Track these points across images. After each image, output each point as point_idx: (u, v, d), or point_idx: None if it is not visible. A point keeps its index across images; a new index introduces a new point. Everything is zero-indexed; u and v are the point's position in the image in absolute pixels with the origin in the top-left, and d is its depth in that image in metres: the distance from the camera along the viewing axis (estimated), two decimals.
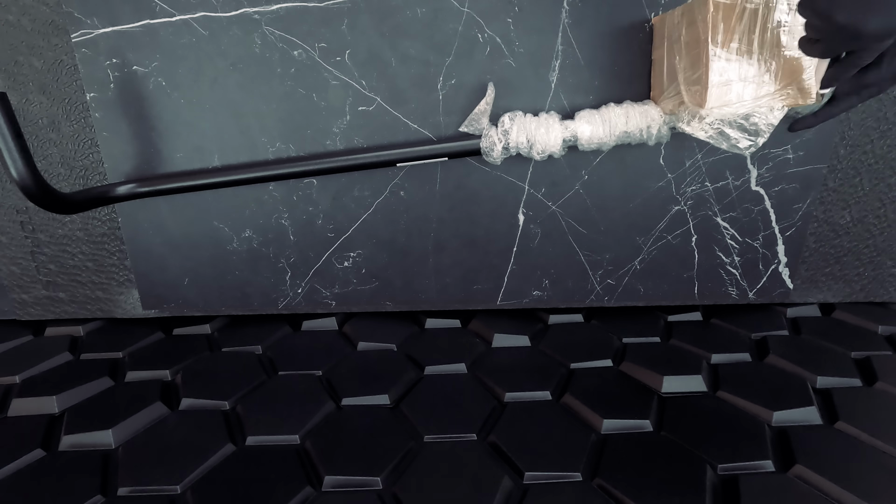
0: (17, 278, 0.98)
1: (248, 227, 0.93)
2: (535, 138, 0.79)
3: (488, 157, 0.83)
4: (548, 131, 0.79)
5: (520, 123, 0.80)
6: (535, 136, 0.80)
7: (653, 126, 0.79)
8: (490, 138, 0.81)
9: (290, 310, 1.00)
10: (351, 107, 0.85)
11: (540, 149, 0.80)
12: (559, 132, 0.80)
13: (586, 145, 0.81)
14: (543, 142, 0.79)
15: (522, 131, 0.80)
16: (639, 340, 0.95)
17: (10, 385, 0.85)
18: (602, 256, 0.96)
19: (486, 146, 0.82)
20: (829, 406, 0.78)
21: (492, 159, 0.83)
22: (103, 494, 0.65)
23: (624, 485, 0.64)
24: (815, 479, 0.64)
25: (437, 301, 1.00)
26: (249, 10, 0.80)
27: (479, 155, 0.84)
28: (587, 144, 0.81)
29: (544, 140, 0.79)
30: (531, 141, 0.80)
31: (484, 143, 0.82)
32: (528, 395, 0.81)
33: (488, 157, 0.82)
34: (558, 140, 0.80)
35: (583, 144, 0.81)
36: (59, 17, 0.81)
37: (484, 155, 0.83)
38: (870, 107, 0.87)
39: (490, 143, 0.81)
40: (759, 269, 0.97)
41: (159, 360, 0.90)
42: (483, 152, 0.82)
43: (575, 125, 0.81)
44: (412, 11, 0.80)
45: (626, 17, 0.80)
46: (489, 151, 0.82)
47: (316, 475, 0.67)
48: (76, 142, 0.89)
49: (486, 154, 0.82)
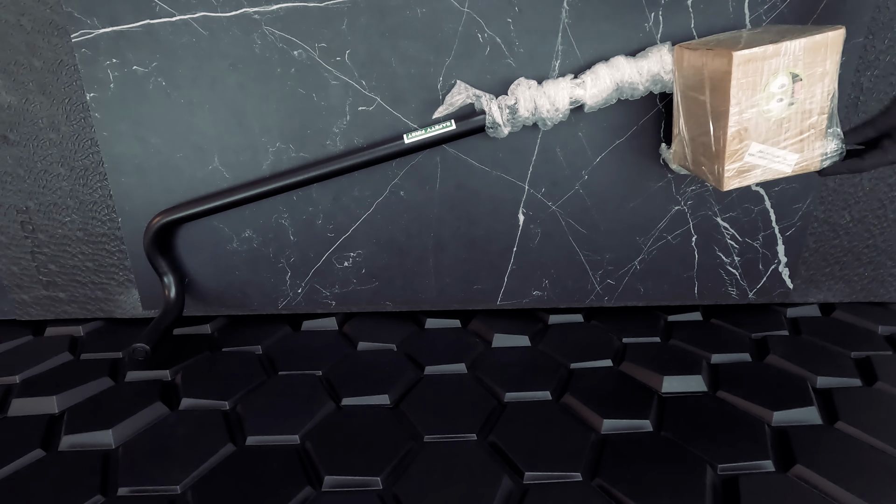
0: (16, 278, 0.98)
1: (248, 227, 0.93)
2: (541, 110, 0.79)
3: (495, 133, 0.81)
4: (553, 102, 0.79)
5: (525, 95, 0.79)
6: (540, 107, 0.79)
7: (664, 73, 0.78)
8: (493, 116, 0.80)
9: (290, 310, 1.00)
10: (351, 107, 0.85)
11: (548, 117, 0.79)
12: (566, 95, 0.79)
13: (594, 106, 0.81)
14: (551, 114, 0.79)
15: (529, 102, 0.79)
16: (639, 340, 0.95)
17: (10, 385, 0.85)
18: (602, 256, 0.96)
19: (491, 123, 0.80)
20: (829, 406, 0.78)
21: (499, 135, 0.82)
22: (103, 494, 0.64)
23: (624, 485, 0.64)
24: (815, 479, 0.64)
25: (437, 301, 1.00)
26: (249, 10, 0.80)
27: (482, 132, 0.82)
28: (594, 105, 0.80)
29: (552, 114, 0.79)
30: (538, 110, 0.79)
31: (488, 121, 0.80)
32: (528, 395, 0.81)
33: (495, 132, 0.81)
34: (565, 106, 0.79)
35: (590, 107, 0.80)
36: (59, 17, 0.81)
37: (490, 131, 0.81)
38: (870, 107, 0.87)
39: (493, 120, 0.80)
40: (759, 269, 0.98)
41: (159, 360, 0.90)
42: (487, 129, 0.81)
43: (581, 92, 0.79)
44: (412, 11, 0.80)
45: (626, 17, 0.80)
46: (493, 129, 0.81)
47: (316, 475, 0.67)
48: (76, 142, 0.89)
49: (493, 129, 0.81)
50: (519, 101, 0.79)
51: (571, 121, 0.86)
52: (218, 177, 0.89)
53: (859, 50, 0.83)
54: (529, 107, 0.79)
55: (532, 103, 0.79)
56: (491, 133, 0.81)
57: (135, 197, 0.91)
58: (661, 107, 0.85)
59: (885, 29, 0.82)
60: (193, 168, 0.89)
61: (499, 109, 0.80)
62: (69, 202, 0.93)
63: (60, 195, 0.92)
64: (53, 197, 0.92)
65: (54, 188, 0.92)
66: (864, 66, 0.85)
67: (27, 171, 0.90)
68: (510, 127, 0.81)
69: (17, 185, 0.91)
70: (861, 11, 0.80)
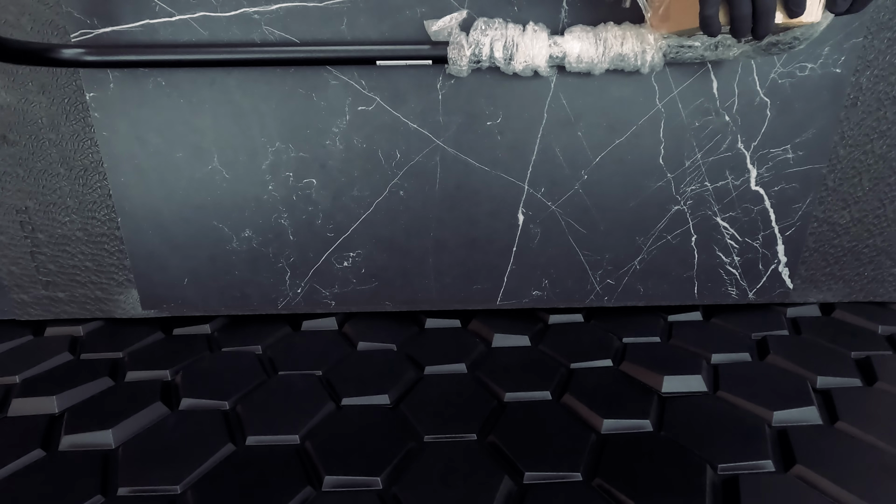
0: (16, 278, 0.98)
1: (247, 227, 0.93)
2: (518, 49, 0.74)
3: (454, 68, 0.76)
4: (533, 42, 0.74)
5: (497, 32, 0.74)
6: (518, 45, 0.74)
7: (648, 52, 0.75)
8: (458, 46, 0.75)
9: (290, 310, 1.00)
10: (350, 106, 0.85)
11: (522, 60, 0.74)
12: (545, 46, 0.74)
13: (575, 65, 0.76)
14: (527, 53, 0.74)
15: (500, 40, 0.74)
16: (639, 340, 0.95)
17: (11, 385, 0.85)
18: (602, 256, 0.96)
19: (454, 55, 0.75)
20: (829, 406, 0.78)
21: (458, 70, 0.77)
22: (103, 494, 0.64)
23: (624, 485, 0.64)
24: (815, 479, 0.64)
25: (437, 301, 1.00)
26: (249, 10, 0.80)
27: (445, 63, 0.78)
28: (576, 64, 0.76)
29: (528, 52, 0.73)
30: (511, 51, 0.74)
31: (451, 51, 0.75)
32: (528, 395, 0.81)
33: (454, 66, 0.76)
34: (544, 54, 0.74)
35: (571, 64, 0.76)
36: (59, 17, 0.81)
37: (450, 63, 0.77)
38: (870, 106, 0.87)
39: (458, 51, 0.75)
40: (759, 269, 0.98)
41: (159, 360, 0.90)
42: (449, 60, 0.76)
43: (564, 41, 0.75)
44: (412, 11, 0.80)
45: (626, 17, 0.80)
46: (456, 60, 0.75)
47: (316, 475, 0.67)
48: (76, 142, 0.89)
49: (452, 63, 0.76)
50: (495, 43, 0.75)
51: (571, 120, 0.86)
52: (218, 176, 0.89)
53: (859, 50, 0.83)
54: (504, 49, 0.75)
55: (506, 56, 0.75)
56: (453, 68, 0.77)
57: (135, 197, 0.91)
58: (661, 107, 0.85)
59: (885, 29, 0.82)
60: (193, 168, 0.89)
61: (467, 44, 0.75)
62: (69, 202, 0.93)
63: (60, 195, 0.92)
64: (53, 197, 0.92)
65: (54, 188, 0.92)
66: (864, 66, 0.85)
67: (27, 171, 0.90)
68: (473, 56, 0.76)
69: (16, 185, 0.91)
70: (861, 11, 0.80)
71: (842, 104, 0.86)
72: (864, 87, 0.86)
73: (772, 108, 0.86)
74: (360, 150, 0.88)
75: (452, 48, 0.76)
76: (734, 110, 0.86)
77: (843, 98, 0.86)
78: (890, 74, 0.86)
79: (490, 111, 0.86)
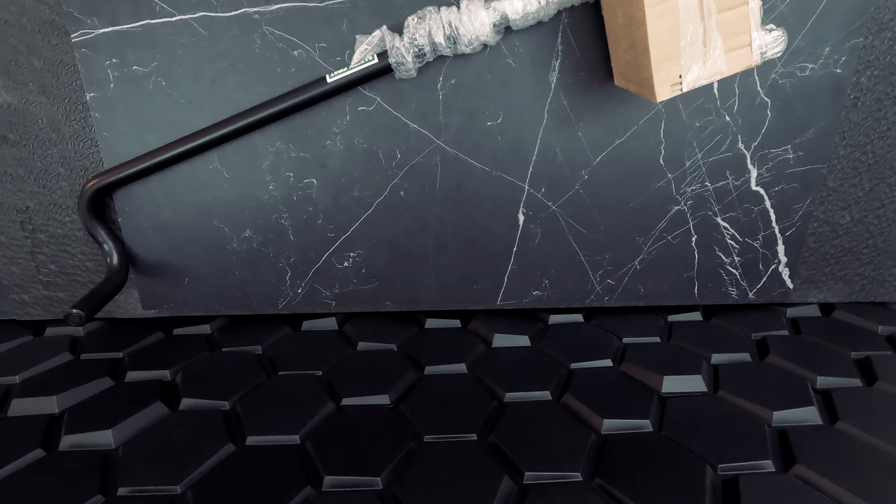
0: (16, 278, 0.98)
1: (247, 227, 0.93)
2: (459, 31, 0.73)
3: (400, 73, 0.76)
4: (471, 19, 0.72)
5: (432, 23, 0.73)
6: (458, 28, 0.73)
7: None
8: (397, 51, 0.74)
9: (290, 310, 1.00)
10: (350, 107, 0.85)
11: (467, 41, 0.73)
12: (485, 17, 0.73)
13: (522, 22, 0.74)
14: (469, 31, 0.72)
15: (438, 28, 0.73)
16: (639, 340, 0.95)
17: (10, 385, 0.85)
18: (602, 256, 0.96)
19: (396, 61, 0.75)
20: (829, 406, 0.78)
21: (406, 73, 0.76)
22: (103, 494, 0.64)
23: (624, 485, 0.64)
24: (815, 479, 0.64)
25: (437, 301, 1.00)
26: (249, 10, 0.80)
27: (390, 73, 0.77)
28: (523, 21, 0.74)
29: (469, 29, 0.72)
30: (452, 34, 0.73)
31: (392, 58, 0.75)
32: (528, 395, 0.81)
33: (400, 71, 0.76)
34: (486, 24, 0.73)
35: (517, 22, 0.74)
36: (59, 17, 0.81)
37: (395, 71, 0.76)
38: (870, 107, 0.87)
39: (399, 57, 0.74)
40: (759, 269, 0.98)
41: (159, 360, 0.90)
42: (394, 68, 0.76)
43: (503, 3, 0.73)
44: (412, 11, 0.80)
45: None
46: (399, 66, 0.75)
47: (316, 475, 0.67)
48: (76, 142, 0.89)
49: (397, 69, 0.76)
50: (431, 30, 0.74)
51: (571, 120, 0.86)
52: (218, 177, 0.89)
53: (860, 50, 0.83)
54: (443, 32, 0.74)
55: (449, 42, 0.74)
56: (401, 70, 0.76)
57: (135, 197, 0.91)
58: (662, 107, 0.85)
59: (885, 29, 0.82)
60: (193, 168, 0.89)
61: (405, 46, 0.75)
62: (69, 202, 0.93)
63: (60, 195, 0.92)
64: (53, 197, 0.92)
65: (54, 188, 0.92)
66: (864, 66, 0.85)
67: (27, 171, 0.90)
68: (417, 53, 0.75)
69: (16, 185, 0.91)
70: (861, 11, 0.80)
71: (842, 104, 0.86)
72: (865, 88, 0.86)
73: (772, 108, 0.86)
74: (361, 150, 0.88)
75: (392, 55, 0.75)
76: (735, 110, 0.86)
77: (844, 98, 0.86)
78: (891, 75, 0.86)
79: (490, 111, 0.86)
